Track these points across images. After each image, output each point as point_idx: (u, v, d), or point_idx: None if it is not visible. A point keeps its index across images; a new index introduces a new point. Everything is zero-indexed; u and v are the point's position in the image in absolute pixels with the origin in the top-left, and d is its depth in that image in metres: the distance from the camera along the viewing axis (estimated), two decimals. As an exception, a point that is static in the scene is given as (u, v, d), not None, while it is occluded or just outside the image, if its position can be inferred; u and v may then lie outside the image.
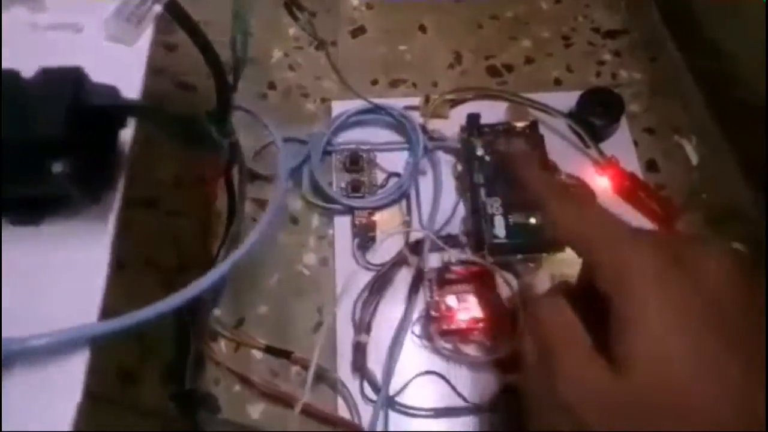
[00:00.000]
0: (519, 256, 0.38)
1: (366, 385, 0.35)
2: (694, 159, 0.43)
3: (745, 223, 0.40)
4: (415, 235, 0.39)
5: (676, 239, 0.26)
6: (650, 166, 0.43)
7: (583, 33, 0.49)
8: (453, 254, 0.37)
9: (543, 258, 0.38)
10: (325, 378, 0.36)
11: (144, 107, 0.25)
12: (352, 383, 0.35)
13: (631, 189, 0.41)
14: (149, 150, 0.28)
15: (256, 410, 0.36)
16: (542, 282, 0.37)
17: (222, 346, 0.37)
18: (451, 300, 0.37)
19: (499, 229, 0.38)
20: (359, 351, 0.36)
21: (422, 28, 0.49)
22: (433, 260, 0.38)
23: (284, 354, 0.36)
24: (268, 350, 0.37)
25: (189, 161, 0.34)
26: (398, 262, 0.38)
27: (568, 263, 0.37)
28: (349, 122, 0.43)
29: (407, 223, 0.40)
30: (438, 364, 0.36)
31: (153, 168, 0.41)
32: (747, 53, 0.42)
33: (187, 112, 0.27)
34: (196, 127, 0.26)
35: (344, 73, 0.47)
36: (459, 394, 0.35)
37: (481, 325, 0.36)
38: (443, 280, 0.37)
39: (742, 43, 0.42)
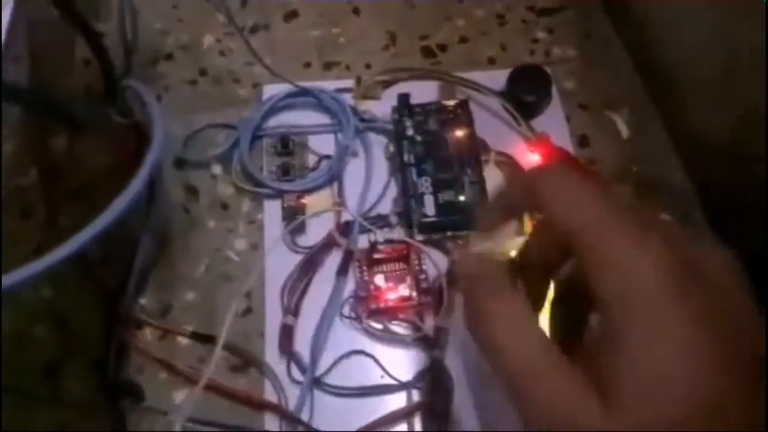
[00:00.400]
0: (448, 234, 0.38)
1: (294, 367, 0.35)
2: (624, 132, 0.43)
3: (674, 195, 0.41)
4: (345, 217, 0.39)
5: (684, 239, 0.19)
6: (582, 141, 0.43)
7: (518, 11, 0.49)
8: (381, 234, 0.37)
9: (471, 235, 0.38)
10: (252, 362, 0.35)
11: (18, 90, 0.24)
12: (279, 366, 0.35)
13: (560, 162, 0.41)
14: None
15: (180, 396, 0.35)
16: (470, 257, 0.37)
17: (147, 335, 0.37)
18: (379, 279, 0.36)
19: (429, 208, 0.38)
20: (286, 333, 0.35)
21: (356, 11, 0.48)
22: (364, 241, 0.38)
23: (209, 339, 0.36)
24: (194, 336, 0.36)
25: (92, 144, 0.34)
26: (328, 244, 0.38)
27: (496, 241, 0.38)
28: (280, 106, 0.42)
29: (338, 205, 0.40)
30: (368, 344, 0.36)
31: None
32: (675, 24, 0.42)
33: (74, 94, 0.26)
34: (81, 108, 0.25)
35: (277, 57, 0.46)
36: (386, 372, 0.35)
37: (409, 303, 0.36)
38: (372, 260, 0.37)
39: (673, 13, 0.42)
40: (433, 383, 0.34)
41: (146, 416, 0.34)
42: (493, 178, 0.40)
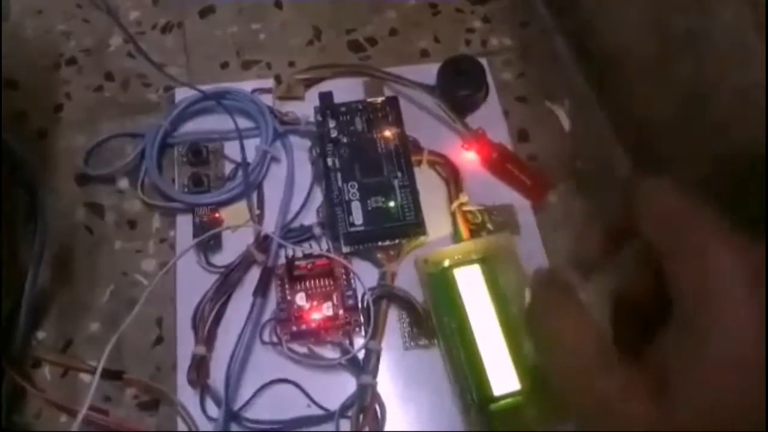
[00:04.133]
0: (379, 244, 0.35)
1: (209, 401, 0.32)
2: (566, 125, 0.41)
3: (619, 188, 0.38)
4: (265, 230, 0.35)
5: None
6: (522, 135, 0.40)
7: (452, 0, 0.46)
8: (302, 248, 0.33)
9: (403, 244, 0.35)
10: (162, 398, 0.32)
11: None
12: (193, 401, 0.32)
13: (499, 162, 0.38)
14: None
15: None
16: (401, 269, 0.34)
17: (46, 373, 0.33)
18: (300, 299, 0.33)
19: (357, 216, 0.35)
20: (197, 365, 0.32)
21: (278, 5, 0.45)
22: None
23: (115, 375, 0.32)
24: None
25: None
26: (245, 261, 0.35)
27: (432, 250, 0.35)
28: (192, 111, 0.39)
29: (258, 217, 0.36)
30: (291, 370, 0.32)
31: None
32: (611, 9, 0.40)
33: None
34: None
35: (192, 56, 0.43)
36: (312, 401, 0.31)
37: (335, 323, 0.33)
38: (293, 277, 0.34)
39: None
40: (364, 411, 0.31)
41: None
42: (426, 179, 0.37)
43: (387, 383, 0.32)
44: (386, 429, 0.31)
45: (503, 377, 0.30)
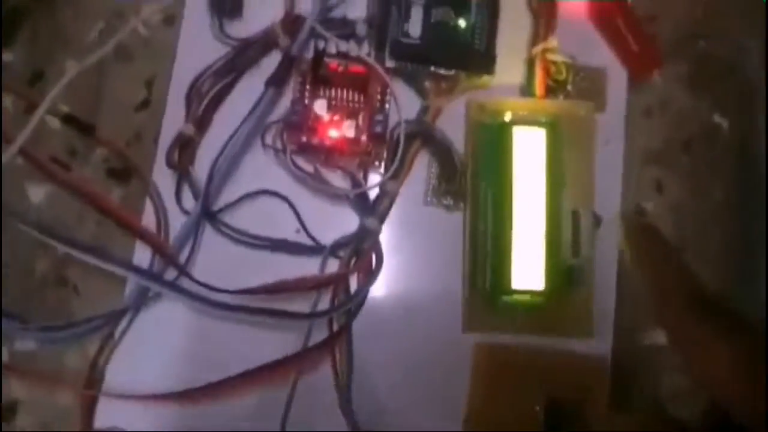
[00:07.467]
0: (431, 69, 0.28)
1: (187, 192, 0.27)
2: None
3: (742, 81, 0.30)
4: (300, 8, 0.28)
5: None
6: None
7: None
8: (333, 44, 0.26)
9: (461, 78, 0.28)
10: (135, 172, 0.27)
11: None
12: (169, 186, 0.27)
13: (609, 11, 0.29)
14: None
15: (38, 195, 0.27)
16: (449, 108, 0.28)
17: (7, 103, 0.28)
18: (320, 106, 0.27)
19: (414, 26, 0.28)
20: (181, 145, 0.26)
21: None
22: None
23: (87, 129, 0.27)
24: (68, 120, 0.27)
25: None
26: (265, 41, 0.28)
27: (494, 97, 0.28)
28: None
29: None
30: (289, 186, 0.27)
31: None
32: None
33: None
34: None
35: None
36: (304, 228, 0.27)
37: (354, 148, 0.27)
38: (318, 77, 0.27)
39: None
40: (358, 256, 0.26)
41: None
42: (512, 6, 0.29)
43: (392, 235, 0.27)
44: (376, 284, 0.27)
45: (528, 270, 0.25)
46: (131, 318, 0.26)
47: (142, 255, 0.26)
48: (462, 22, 0.28)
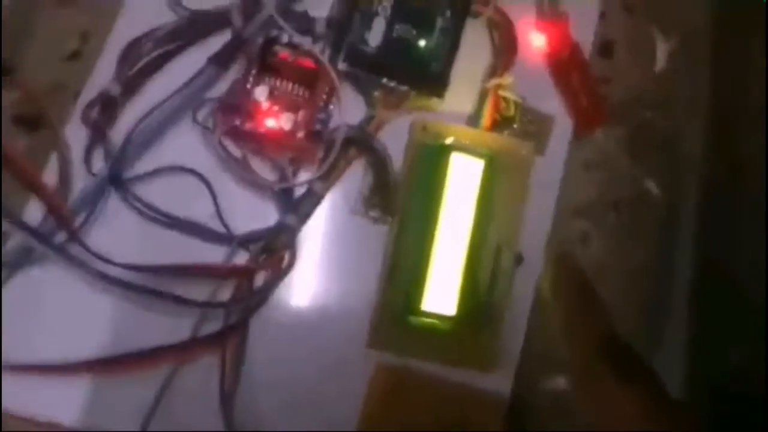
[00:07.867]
0: (384, 80, 0.27)
1: (99, 155, 0.25)
2: (660, 63, 0.32)
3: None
4: (261, -7, 0.27)
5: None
6: (605, 49, 0.32)
7: None
8: (287, 34, 0.26)
9: (411, 96, 0.27)
10: (46, 123, 0.25)
11: None
12: (80, 144, 0.25)
13: (566, 63, 0.30)
14: None
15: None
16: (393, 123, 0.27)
17: None
18: (260, 92, 0.26)
19: (374, 36, 0.27)
20: (102, 103, 0.25)
21: None
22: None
23: (5, 69, 0.25)
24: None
25: None
26: (218, 17, 0.27)
27: (439, 120, 0.27)
28: None
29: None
30: (211, 167, 0.26)
31: None
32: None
33: None
34: None
35: None
36: (219, 214, 0.25)
37: (288, 142, 0.26)
38: (265, 64, 0.26)
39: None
40: (269, 252, 0.25)
41: None
42: (474, 38, 0.29)
43: (312, 238, 0.26)
44: (285, 285, 0.25)
45: (442, 294, 0.24)
46: (6, 277, 0.23)
47: (34, 213, 0.24)
48: (422, 42, 0.27)
